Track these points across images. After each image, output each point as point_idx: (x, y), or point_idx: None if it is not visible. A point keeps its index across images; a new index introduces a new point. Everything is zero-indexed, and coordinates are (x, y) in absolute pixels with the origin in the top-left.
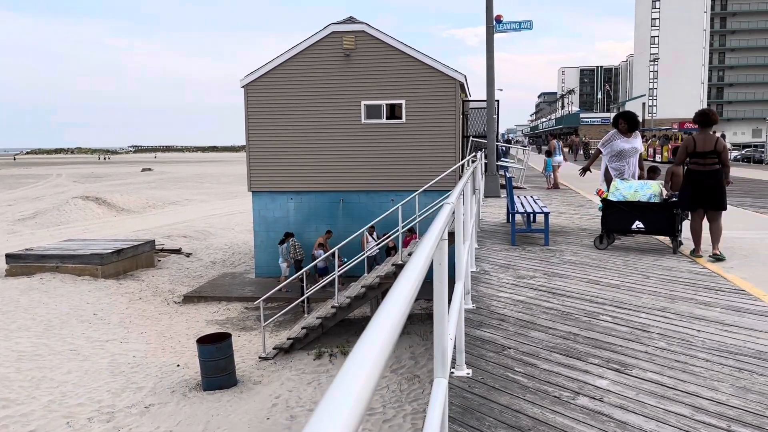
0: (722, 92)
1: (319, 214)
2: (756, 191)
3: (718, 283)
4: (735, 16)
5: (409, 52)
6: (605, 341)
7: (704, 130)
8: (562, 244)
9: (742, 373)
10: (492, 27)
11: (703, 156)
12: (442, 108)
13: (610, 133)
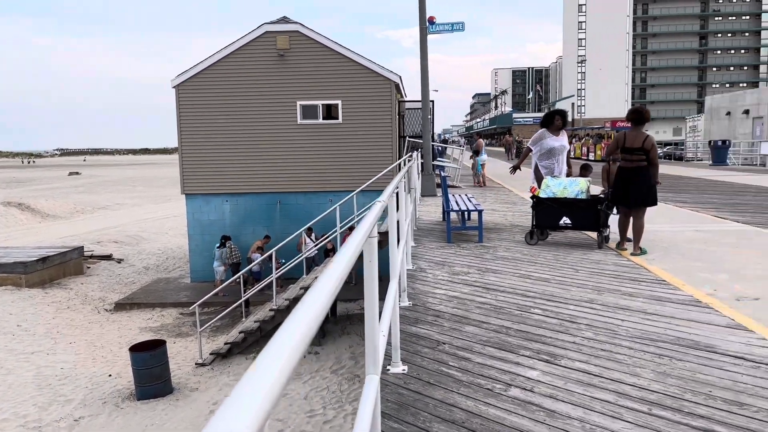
0: (645, 93)
1: (255, 216)
2: (676, 187)
3: (641, 274)
4: (656, 20)
5: (344, 52)
6: (536, 333)
7: (636, 128)
8: (496, 240)
9: (662, 359)
10: (425, 28)
11: (630, 152)
12: (378, 108)
13: (540, 131)
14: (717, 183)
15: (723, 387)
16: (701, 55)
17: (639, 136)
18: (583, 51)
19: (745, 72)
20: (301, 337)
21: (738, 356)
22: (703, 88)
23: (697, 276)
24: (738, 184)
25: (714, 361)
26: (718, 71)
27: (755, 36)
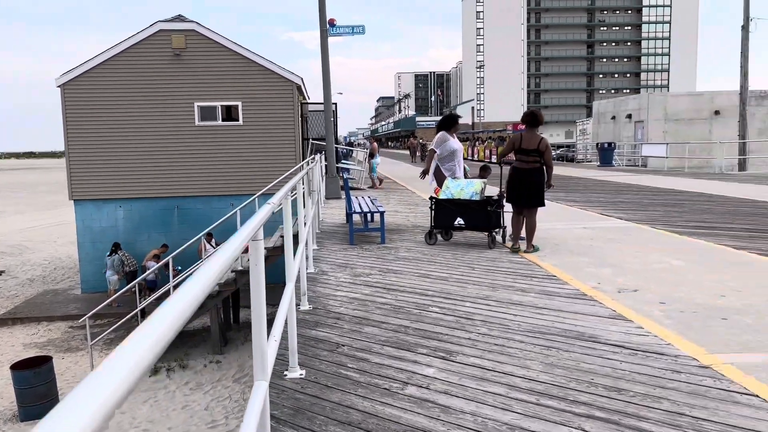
0: (540, 97)
1: (151, 222)
2: (567, 186)
3: (534, 270)
4: (548, 28)
5: (243, 53)
6: (433, 331)
7: (531, 130)
8: (398, 241)
9: (550, 350)
10: (326, 30)
11: (526, 153)
12: (280, 110)
13: (441, 134)
14: (603, 183)
15: (604, 374)
16: (589, 63)
17: (534, 138)
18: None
19: (628, 79)
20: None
21: (618, 345)
22: (591, 93)
23: (583, 271)
24: (622, 183)
25: (596, 350)
26: (604, 78)
27: (636, 45)
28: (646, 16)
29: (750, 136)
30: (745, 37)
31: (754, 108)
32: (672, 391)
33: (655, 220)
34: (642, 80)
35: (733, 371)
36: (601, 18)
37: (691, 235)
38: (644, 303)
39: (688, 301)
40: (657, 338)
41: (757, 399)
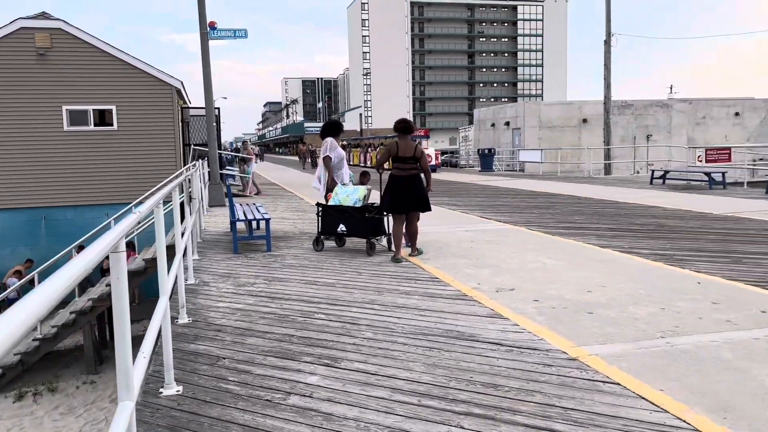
0: (425, 105)
1: (15, 234)
2: (450, 191)
3: (418, 273)
4: (431, 38)
5: (117, 54)
6: (318, 338)
7: (404, 138)
8: (285, 248)
9: (432, 351)
10: (206, 33)
11: (403, 161)
12: (158, 115)
13: (330, 140)
14: (484, 187)
15: (482, 372)
16: (470, 72)
17: (409, 145)
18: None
19: (506, 88)
20: None
21: (495, 342)
22: (472, 101)
23: (464, 272)
24: (501, 187)
25: (476, 349)
26: (484, 87)
27: (513, 57)
28: (520, 29)
29: (613, 142)
30: (608, 51)
31: (617, 117)
32: (544, 384)
33: (531, 222)
34: (519, 89)
35: (597, 362)
36: (480, 30)
37: (562, 235)
38: (520, 301)
39: (559, 297)
40: (531, 334)
41: (618, 387)
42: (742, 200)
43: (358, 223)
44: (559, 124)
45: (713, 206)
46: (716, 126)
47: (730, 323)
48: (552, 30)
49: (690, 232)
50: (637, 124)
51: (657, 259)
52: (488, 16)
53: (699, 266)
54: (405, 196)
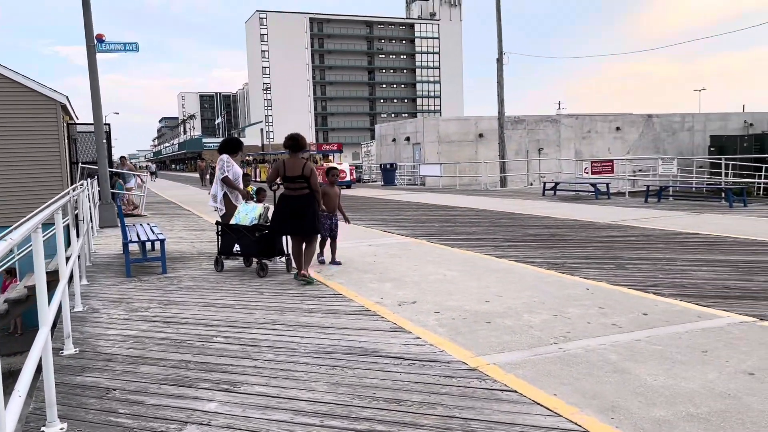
0: (327, 120)
1: None
2: (353, 206)
3: (321, 290)
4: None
5: None
6: (217, 363)
7: (294, 155)
8: (181, 270)
9: (335, 370)
10: (93, 46)
11: (292, 180)
12: (41, 132)
13: (226, 158)
14: (387, 201)
15: (385, 387)
16: (371, 88)
17: (297, 163)
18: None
19: (406, 104)
20: None
21: (398, 357)
22: (374, 117)
23: (368, 287)
24: (403, 201)
25: (379, 365)
26: (385, 103)
27: (412, 73)
28: (418, 47)
29: (508, 156)
30: (500, 69)
31: (511, 131)
32: (445, 396)
33: (432, 235)
34: (418, 105)
35: (495, 371)
36: (379, 46)
37: (461, 247)
38: (422, 314)
39: (458, 308)
40: (432, 347)
41: (515, 394)
42: (624, 209)
43: (250, 242)
44: (457, 138)
45: (599, 215)
46: (600, 139)
47: (615, 326)
48: (448, 48)
49: (579, 241)
50: (530, 138)
51: (550, 267)
52: (387, 33)
53: (588, 273)
54: (290, 218)
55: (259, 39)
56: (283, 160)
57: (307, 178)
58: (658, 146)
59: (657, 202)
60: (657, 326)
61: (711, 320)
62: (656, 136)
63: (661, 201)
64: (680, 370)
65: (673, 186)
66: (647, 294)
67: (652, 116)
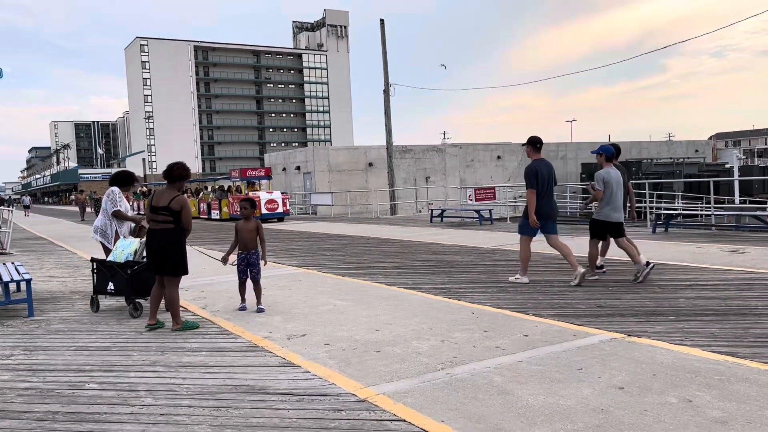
0: (214, 149)
1: None
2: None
3: (206, 327)
4: (216, 82)
5: None
6: (89, 412)
7: (170, 185)
8: (51, 312)
9: (220, 410)
10: None
11: (155, 212)
12: None
13: (117, 191)
14: (278, 231)
15: (272, 426)
16: (259, 117)
17: (166, 194)
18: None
19: (296, 133)
20: None
21: (286, 393)
22: (263, 146)
23: (256, 321)
24: (294, 231)
25: (266, 402)
26: (274, 132)
27: (301, 103)
28: (307, 77)
29: (397, 184)
30: (387, 100)
31: (399, 160)
32: (334, 430)
33: (323, 265)
34: (308, 134)
35: (385, 401)
36: (267, 75)
37: (352, 275)
38: (311, 346)
39: (348, 339)
40: (322, 380)
41: (404, 423)
42: (506, 234)
43: (123, 280)
44: (347, 168)
45: (483, 241)
46: (483, 168)
47: (499, 349)
48: (336, 78)
49: (465, 266)
50: (417, 167)
51: (437, 293)
52: (275, 63)
53: (473, 297)
54: (155, 254)
55: (140, 66)
56: (155, 189)
57: (175, 211)
58: None
59: None
60: (538, 347)
61: (585, 338)
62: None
63: None
64: (558, 388)
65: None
66: (528, 316)
67: None
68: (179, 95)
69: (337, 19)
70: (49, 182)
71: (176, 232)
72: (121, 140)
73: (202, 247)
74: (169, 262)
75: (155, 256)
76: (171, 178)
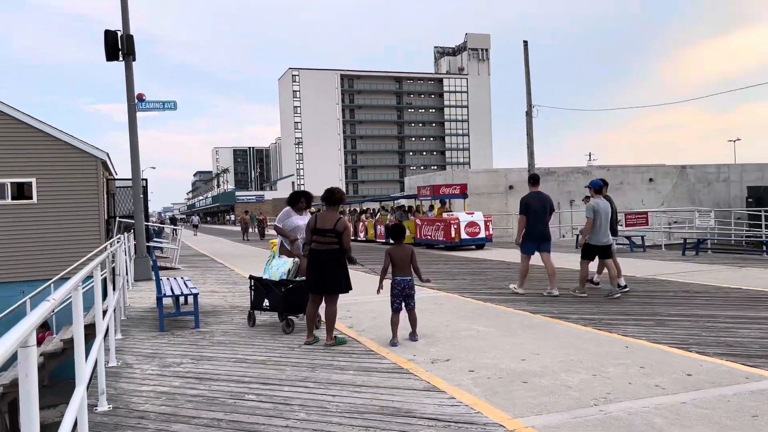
0: (357, 173)
1: None
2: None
3: (353, 346)
4: (360, 108)
5: (37, 125)
6: (249, 422)
7: (329, 208)
8: (214, 324)
9: (368, 430)
10: (134, 105)
11: (322, 233)
12: (82, 187)
13: (286, 210)
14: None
15: None
16: (400, 141)
17: (330, 217)
18: (299, 134)
19: (435, 156)
20: None
21: (432, 418)
22: (403, 169)
23: (400, 343)
24: (433, 253)
25: (413, 426)
26: (414, 155)
27: (440, 126)
28: (447, 101)
29: None
30: (529, 122)
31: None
32: None
33: (463, 289)
34: (447, 157)
35: None
36: (408, 101)
37: (494, 301)
38: (456, 372)
39: (493, 367)
40: (467, 407)
41: None
42: (661, 262)
43: (278, 297)
44: (487, 191)
45: (636, 269)
46: (633, 191)
47: (658, 387)
48: (477, 101)
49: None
50: (560, 189)
51: (586, 323)
52: (416, 88)
53: (626, 330)
54: (313, 274)
55: (291, 95)
56: (316, 214)
57: (339, 233)
58: (693, 198)
59: (695, 255)
60: (703, 388)
61: (759, 382)
62: (691, 188)
63: (699, 254)
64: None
65: (711, 239)
66: (690, 353)
67: (686, 167)
68: (326, 121)
69: (478, 42)
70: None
71: (340, 252)
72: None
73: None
74: (335, 280)
75: (320, 274)
76: (332, 201)
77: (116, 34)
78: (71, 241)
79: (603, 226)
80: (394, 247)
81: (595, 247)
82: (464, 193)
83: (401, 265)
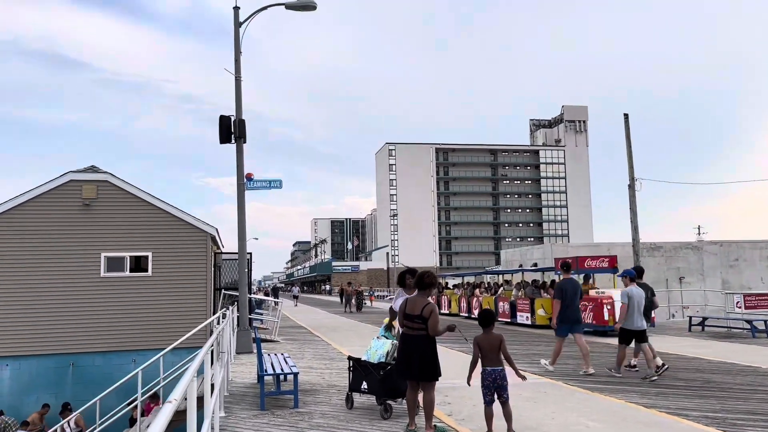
0: (451, 244)
1: (41, 382)
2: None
3: None
4: (455, 180)
5: (156, 203)
6: None
7: (421, 293)
8: (312, 404)
9: None
10: (243, 184)
11: (411, 319)
12: (192, 260)
13: (398, 291)
14: (515, 330)
15: None
16: (495, 213)
17: (419, 302)
18: (395, 206)
19: (531, 228)
20: None
21: None
22: (498, 241)
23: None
24: (534, 333)
25: None
26: (509, 227)
27: (537, 198)
28: (543, 172)
29: None
30: (632, 195)
31: (647, 258)
32: None
33: (568, 375)
34: (544, 230)
35: None
36: (503, 172)
37: (602, 391)
38: None
39: None
40: None
41: None
42: None
43: (376, 380)
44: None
45: (760, 359)
46: (750, 268)
47: None
48: (574, 172)
49: (740, 390)
50: (668, 266)
51: (708, 423)
52: (511, 160)
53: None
54: (413, 359)
55: (387, 168)
56: (407, 298)
57: (425, 319)
58: None
59: None
60: None
61: None
62: None
63: None
64: None
65: None
66: None
67: None
68: (421, 194)
69: (575, 114)
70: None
71: (429, 338)
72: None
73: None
74: (425, 367)
75: (407, 359)
76: (422, 285)
77: (230, 119)
78: (180, 312)
79: (637, 312)
80: (483, 336)
81: (631, 331)
82: (614, 266)
83: (491, 354)
